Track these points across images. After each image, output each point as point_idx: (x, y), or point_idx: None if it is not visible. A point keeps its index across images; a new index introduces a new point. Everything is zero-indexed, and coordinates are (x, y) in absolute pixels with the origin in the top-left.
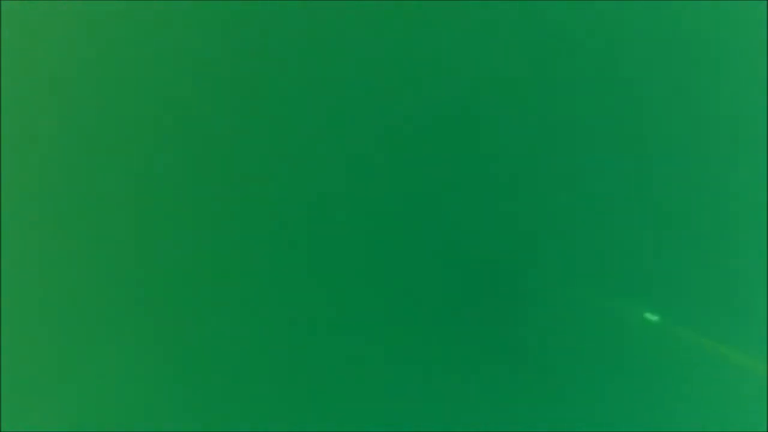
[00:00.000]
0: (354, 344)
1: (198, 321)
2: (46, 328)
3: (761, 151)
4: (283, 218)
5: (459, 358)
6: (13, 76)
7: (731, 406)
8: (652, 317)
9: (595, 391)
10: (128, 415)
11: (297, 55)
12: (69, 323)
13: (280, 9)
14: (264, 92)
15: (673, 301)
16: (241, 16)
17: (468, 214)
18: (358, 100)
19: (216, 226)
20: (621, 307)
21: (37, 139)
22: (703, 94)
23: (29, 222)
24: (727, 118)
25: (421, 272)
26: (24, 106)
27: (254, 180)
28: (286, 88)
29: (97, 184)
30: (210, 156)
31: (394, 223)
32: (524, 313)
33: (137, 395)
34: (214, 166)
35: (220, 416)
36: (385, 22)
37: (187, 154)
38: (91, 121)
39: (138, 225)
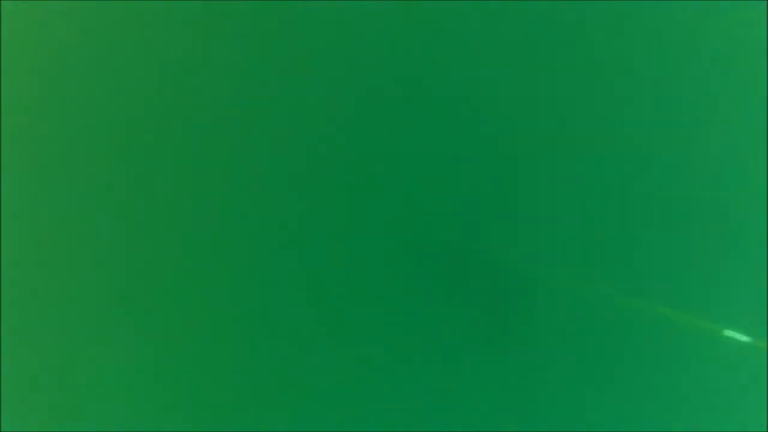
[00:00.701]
0: (353, 342)
1: (198, 321)
2: (46, 328)
3: (761, 151)
4: (283, 218)
5: (459, 355)
6: (13, 76)
7: (731, 404)
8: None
9: (596, 391)
10: (128, 415)
11: (295, 55)
12: (69, 323)
13: (278, 8)
14: (260, 92)
15: (673, 296)
16: (240, 15)
17: (467, 210)
18: (355, 99)
19: (215, 226)
20: (617, 299)
21: (37, 139)
22: (702, 94)
23: (29, 222)
24: (726, 118)
25: (417, 268)
26: (24, 106)
27: (251, 179)
28: (285, 88)
29: (96, 184)
30: (209, 156)
31: (392, 221)
32: (526, 310)
33: (138, 395)
34: (213, 167)
35: (220, 416)
36: (384, 22)
37: (187, 155)
38: (91, 121)
39: (138, 225)
